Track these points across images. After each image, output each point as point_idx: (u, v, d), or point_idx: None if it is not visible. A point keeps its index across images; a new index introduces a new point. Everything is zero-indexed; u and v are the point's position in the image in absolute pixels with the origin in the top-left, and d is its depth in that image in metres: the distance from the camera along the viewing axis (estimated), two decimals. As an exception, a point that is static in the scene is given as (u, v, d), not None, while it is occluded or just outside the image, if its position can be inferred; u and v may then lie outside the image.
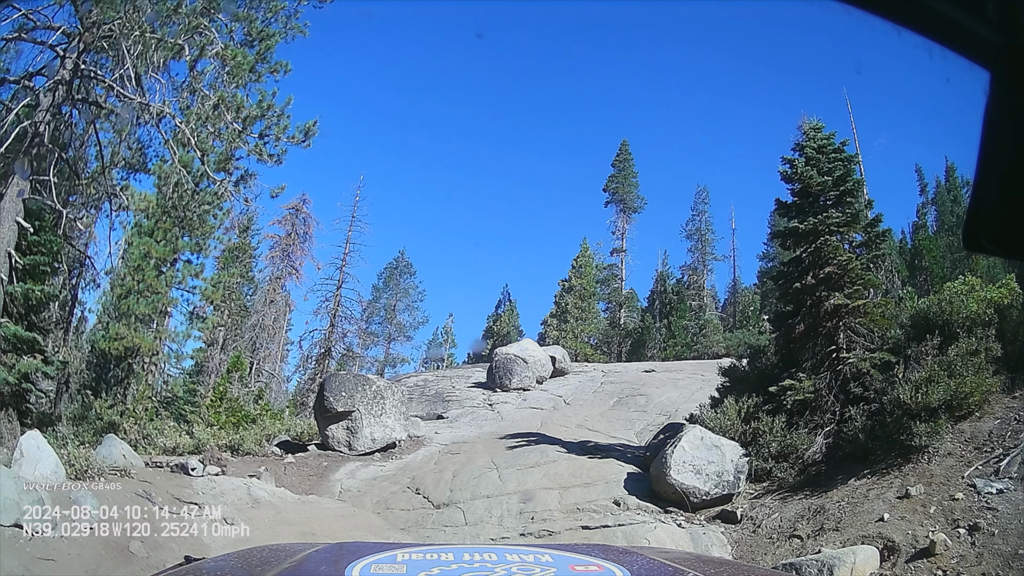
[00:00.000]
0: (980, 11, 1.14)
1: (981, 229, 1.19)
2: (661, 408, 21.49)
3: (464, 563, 1.93)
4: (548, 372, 27.20)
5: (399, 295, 52.31)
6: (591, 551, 2.26)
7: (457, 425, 20.97)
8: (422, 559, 1.96)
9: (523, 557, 2.00)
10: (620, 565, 1.98)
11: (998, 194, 1.15)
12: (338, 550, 2.38)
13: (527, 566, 1.90)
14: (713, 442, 12.29)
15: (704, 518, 11.88)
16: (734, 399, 13.56)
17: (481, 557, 2.00)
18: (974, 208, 1.21)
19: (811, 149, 15.05)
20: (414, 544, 2.37)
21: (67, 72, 13.37)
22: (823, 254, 14.12)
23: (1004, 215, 1.15)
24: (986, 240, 1.22)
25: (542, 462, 14.19)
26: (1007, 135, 1.10)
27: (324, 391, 17.05)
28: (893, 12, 1.27)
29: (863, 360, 13.19)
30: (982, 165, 1.13)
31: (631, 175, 52.75)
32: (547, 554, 2.11)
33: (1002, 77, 1.09)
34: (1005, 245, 1.23)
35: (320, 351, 42.40)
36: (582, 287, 47.64)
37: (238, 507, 10.79)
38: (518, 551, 2.09)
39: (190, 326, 27.86)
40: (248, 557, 2.29)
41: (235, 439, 16.43)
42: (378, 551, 2.06)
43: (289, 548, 2.36)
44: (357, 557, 1.94)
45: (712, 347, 39.96)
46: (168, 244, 25.31)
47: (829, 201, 14.72)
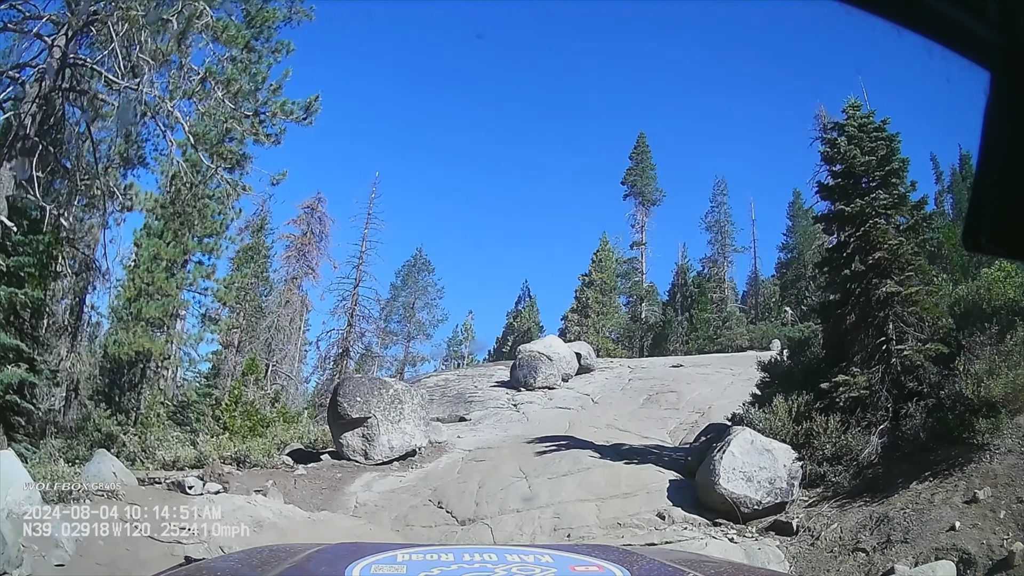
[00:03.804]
0: (980, 11, 1.11)
1: (981, 229, 1.18)
2: (694, 405, 20.45)
3: (464, 563, 1.92)
4: (574, 369, 26.15)
5: (418, 293, 51.55)
6: (591, 551, 2.27)
7: (480, 428, 19.96)
8: (422, 559, 1.97)
9: (523, 557, 2.00)
10: (620, 565, 1.97)
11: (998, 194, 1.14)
12: (339, 550, 2.40)
13: (527, 566, 1.89)
14: (764, 446, 11.19)
15: (756, 530, 10.80)
16: (783, 397, 12.43)
17: (481, 557, 1.99)
18: (974, 208, 1.20)
19: (852, 128, 14.03)
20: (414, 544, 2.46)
21: (55, 61, 12.44)
22: (871, 238, 13.17)
23: (1004, 215, 1.13)
24: (986, 240, 1.22)
25: (575, 470, 13.12)
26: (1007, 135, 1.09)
27: (337, 396, 16.01)
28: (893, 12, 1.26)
29: (917, 352, 12.11)
30: (982, 165, 1.15)
31: (649, 167, 51.84)
32: (547, 554, 2.12)
33: (1002, 77, 1.08)
34: (1005, 245, 1.24)
35: (338, 351, 41.92)
36: (602, 281, 46.96)
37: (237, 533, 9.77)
38: (518, 551, 2.10)
39: (202, 328, 27.35)
40: (249, 557, 2.33)
41: (241, 450, 15.38)
42: (378, 551, 2.06)
43: (290, 548, 2.37)
44: (357, 557, 1.94)
45: (736, 340, 39.30)
46: (178, 245, 24.67)
47: (874, 182, 13.82)
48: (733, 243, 52.49)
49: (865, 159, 13.64)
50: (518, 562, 1.93)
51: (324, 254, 42.63)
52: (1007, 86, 1.08)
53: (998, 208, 1.15)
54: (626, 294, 51.23)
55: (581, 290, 47.10)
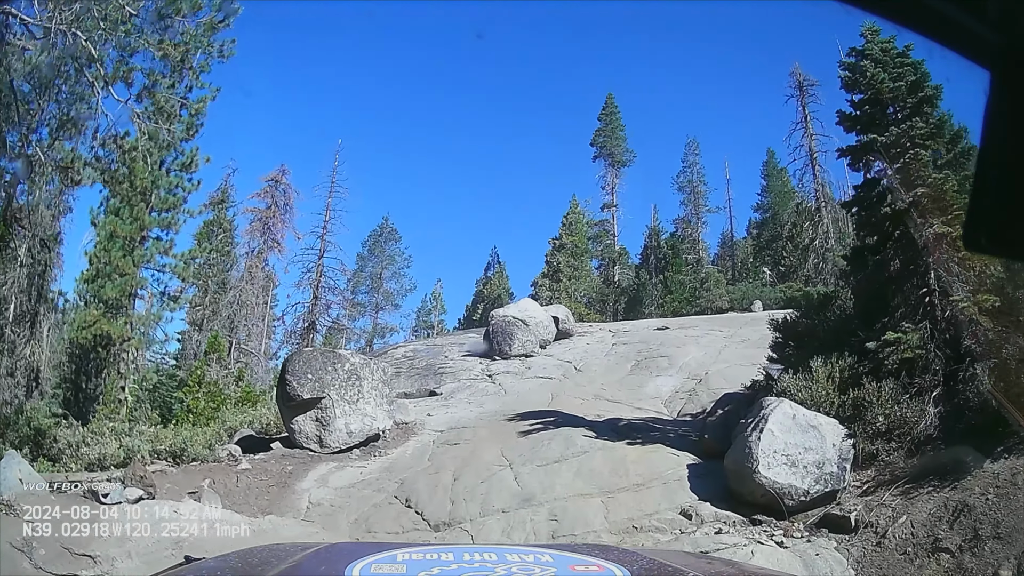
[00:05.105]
0: (980, 11, 1.08)
1: (981, 229, 1.15)
2: (688, 371, 18.57)
3: (464, 563, 1.90)
4: (552, 335, 24.05)
5: (385, 263, 51.07)
6: (591, 551, 2.25)
7: (453, 403, 17.71)
8: (422, 559, 1.95)
9: (523, 557, 1.98)
10: (620, 565, 1.94)
11: (998, 194, 1.11)
12: (338, 550, 2.46)
13: (527, 566, 1.87)
14: (808, 421, 9.04)
15: (805, 526, 8.67)
16: (822, 361, 10.28)
17: (481, 557, 1.97)
18: (974, 208, 1.15)
19: (875, 51, 12.13)
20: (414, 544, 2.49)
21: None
22: (911, 172, 11.03)
23: (1004, 215, 1.11)
24: (986, 240, 1.18)
25: (569, 454, 10.89)
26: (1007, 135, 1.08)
27: (286, 374, 13.51)
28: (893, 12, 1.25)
29: (969, 305, 10.06)
30: (982, 165, 1.13)
31: (618, 128, 50.21)
32: (547, 554, 2.09)
33: (1002, 77, 1.06)
34: (1005, 245, 1.21)
35: (304, 325, 41.22)
36: (573, 244, 45.58)
37: (153, 558, 7.42)
38: (518, 551, 2.08)
39: (161, 307, 25.39)
40: (248, 557, 2.31)
41: (176, 443, 12.91)
42: (378, 551, 2.02)
43: (289, 548, 2.35)
44: (357, 557, 1.91)
45: (715, 301, 37.97)
46: (135, 221, 22.91)
47: (906, 110, 11.85)
48: (707, 204, 51.31)
49: (894, 85, 11.74)
50: (518, 562, 1.90)
51: (289, 227, 42.10)
52: (1007, 86, 1.05)
53: (998, 208, 1.11)
54: (598, 257, 49.96)
55: (552, 254, 45.62)
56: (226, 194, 37.80)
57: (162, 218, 23.94)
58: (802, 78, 41.56)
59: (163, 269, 24.45)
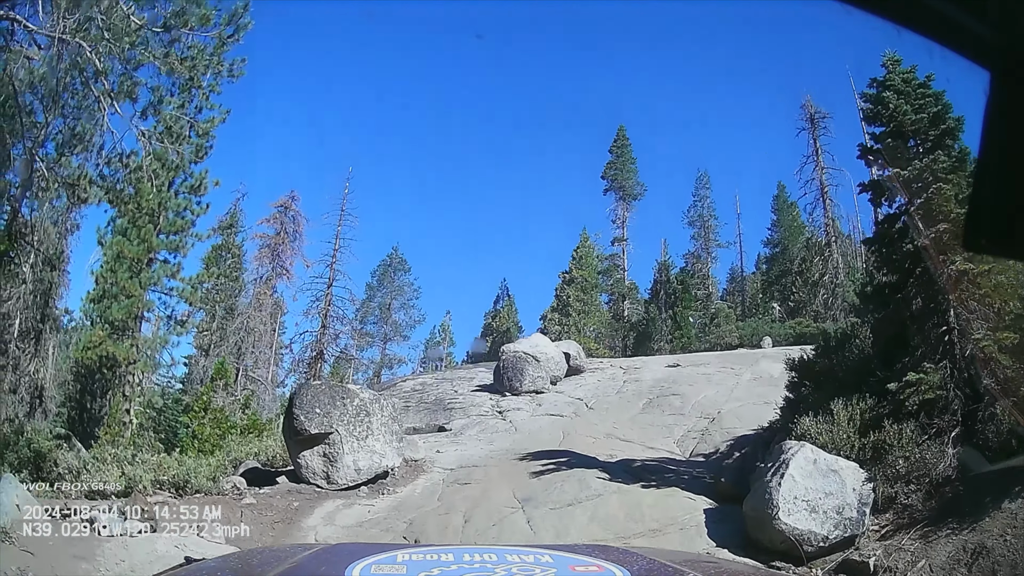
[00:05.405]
0: (980, 11, 1.11)
1: (981, 229, 1.17)
2: (701, 410, 18.21)
3: (464, 563, 1.90)
4: (563, 371, 23.81)
5: (394, 293, 50.70)
6: (591, 551, 2.25)
7: (463, 440, 17.48)
8: (422, 559, 1.95)
9: (523, 557, 1.98)
10: (620, 565, 1.94)
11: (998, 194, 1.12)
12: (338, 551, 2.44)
13: (527, 566, 1.87)
14: (829, 465, 8.83)
15: (823, 572, 8.44)
16: (843, 403, 10.09)
17: (481, 557, 1.97)
18: (974, 208, 1.17)
19: (898, 81, 11.91)
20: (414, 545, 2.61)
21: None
22: (933, 207, 10.82)
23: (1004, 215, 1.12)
24: (986, 240, 1.20)
25: (583, 496, 10.69)
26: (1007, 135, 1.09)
27: (293, 408, 13.37)
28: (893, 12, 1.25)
29: (991, 342, 9.86)
30: (982, 165, 1.14)
31: (629, 161, 50.23)
32: (547, 554, 2.09)
33: (1002, 77, 1.08)
34: (1005, 245, 1.23)
35: (312, 354, 40.56)
36: (583, 279, 45.40)
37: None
38: (518, 551, 2.07)
39: (168, 331, 25.28)
40: (248, 557, 2.33)
41: (180, 473, 12.74)
42: (378, 552, 2.03)
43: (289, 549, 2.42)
44: (357, 557, 1.91)
45: (725, 337, 37.43)
46: (142, 242, 22.83)
47: (928, 143, 11.62)
48: (717, 238, 51.39)
49: (917, 117, 11.55)
50: (518, 562, 1.90)
51: (298, 254, 41.64)
52: (1007, 86, 1.07)
53: (998, 208, 1.12)
54: (607, 292, 49.56)
55: (561, 288, 45.50)
56: (235, 219, 37.70)
57: (170, 240, 23.94)
58: (813, 111, 41.69)
59: (170, 292, 24.51)
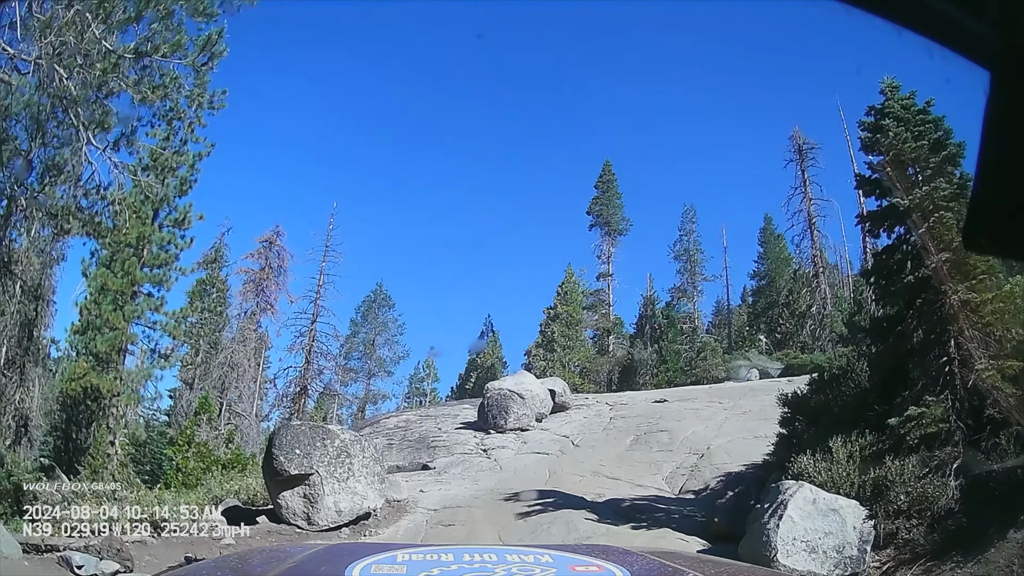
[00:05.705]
0: (980, 11, 1.10)
1: (981, 229, 1.16)
2: (689, 446, 17.93)
3: (464, 563, 1.90)
4: (548, 408, 23.49)
5: (378, 329, 50.62)
6: (591, 551, 2.26)
7: (447, 479, 17.06)
8: (422, 559, 1.95)
9: (523, 557, 1.97)
10: (620, 565, 1.94)
11: (998, 194, 1.12)
12: (338, 551, 2.40)
13: (527, 566, 1.87)
14: (828, 505, 8.60)
15: (824, 616, 8.12)
16: (841, 441, 9.83)
17: (481, 557, 1.97)
18: (974, 208, 1.16)
19: (897, 109, 11.80)
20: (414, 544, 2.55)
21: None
22: (935, 235, 10.71)
23: (1004, 215, 1.11)
24: (986, 240, 1.20)
25: (571, 540, 10.30)
26: (1007, 135, 1.08)
27: (273, 448, 12.99)
28: (893, 12, 1.24)
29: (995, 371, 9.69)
30: (982, 165, 1.12)
31: (615, 196, 50.50)
32: (547, 554, 2.08)
33: (1002, 77, 1.06)
34: (1005, 245, 1.22)
35: (296, 390, 40.62)
36: (568, 314, 45.41)
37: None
38: (518, 551, 2.07)
39: (151, 364, 25.09)
40: (248, 558, 2.33)
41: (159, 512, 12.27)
42: (378, 551, 2.03)
43: (289, 549, 2.34)
44: (357, 557, 1.92)
45: (710, 371, 37.20)
46: (126, 275, 22.66)
47: (928, 171, 11.49)
48: (703, 272, 51.25)
49: (916, 144, 11.51)
50: (518, 562, 1.90)
51: (283, 289, 41.67)
52: (1007, 86, 1.05)
53: (998, 208, 1.12)
54: (592, 327, 49.36)
55: (546, 324, 45.61)
56: (220, 253, 37.59)
57: (154, 274, 23.78)
58: (802, 142, 42.06)
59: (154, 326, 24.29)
